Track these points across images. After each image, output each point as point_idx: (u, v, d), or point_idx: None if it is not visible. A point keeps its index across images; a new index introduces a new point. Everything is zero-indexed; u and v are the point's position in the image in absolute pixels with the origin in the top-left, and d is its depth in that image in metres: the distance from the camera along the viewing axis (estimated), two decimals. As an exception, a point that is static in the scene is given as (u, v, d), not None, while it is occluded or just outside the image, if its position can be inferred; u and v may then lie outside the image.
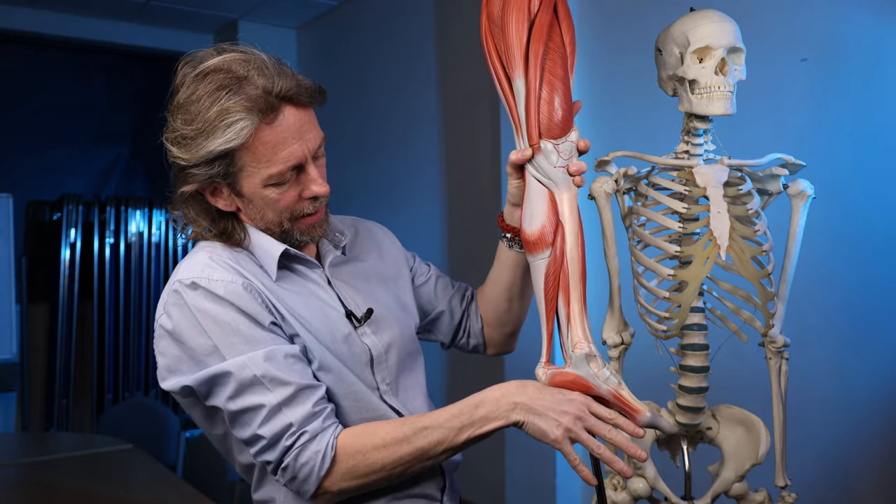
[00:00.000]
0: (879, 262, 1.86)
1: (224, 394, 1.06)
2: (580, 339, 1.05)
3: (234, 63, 1.07)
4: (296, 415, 1.05)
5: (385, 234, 1.42)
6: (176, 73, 1.11)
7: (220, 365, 1.05)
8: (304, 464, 1.04)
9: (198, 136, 1.06)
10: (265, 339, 1.07)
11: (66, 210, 4.27)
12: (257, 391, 1.05)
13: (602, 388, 1.05)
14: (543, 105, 1.06)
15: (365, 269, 1.30)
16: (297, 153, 1.09)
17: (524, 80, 1.06)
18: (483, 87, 3.02)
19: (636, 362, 1.57)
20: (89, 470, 2.52)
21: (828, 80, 1.94)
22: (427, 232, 3.40)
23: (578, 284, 1.07)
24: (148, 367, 4.46)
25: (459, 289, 1.45)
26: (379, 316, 1.23)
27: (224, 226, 1.16)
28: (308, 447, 1.04)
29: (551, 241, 1.07)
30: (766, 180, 1.29)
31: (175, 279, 1.11)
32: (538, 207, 1.08)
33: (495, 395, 1.06)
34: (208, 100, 1.05)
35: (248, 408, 1.05)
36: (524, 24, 1.06)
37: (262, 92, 1.05)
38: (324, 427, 1.06)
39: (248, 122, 1.05)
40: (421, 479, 1.21)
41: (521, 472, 2.78)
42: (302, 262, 1.20)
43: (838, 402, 1.93)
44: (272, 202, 1.12)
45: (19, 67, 4.29)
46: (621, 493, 1.31)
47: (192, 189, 1.11)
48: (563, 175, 1.08)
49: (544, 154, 1.08)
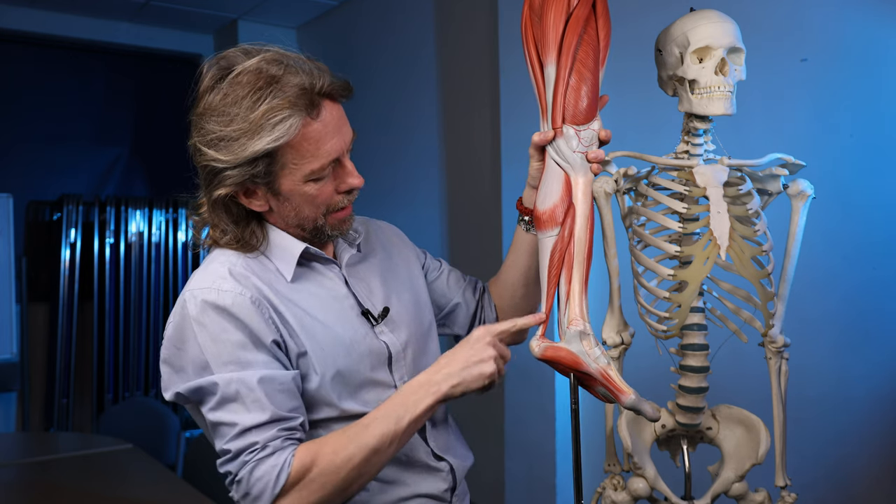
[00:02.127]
0: (879, 262, 1.86)
1: (208, 404, 1.08)
2: (576, 317, 1.11)
3: (268, 63, 1.08)
4: (262, 436, 1.06)
5: (395, 232, 1.43)
6: (202, 75, 1.11)
7: (209, 377, 1.07)
8: (259, 479, 1.04)
9: (241, 136, 1.06)
10: (258, 362, 1.08)
11: (66, 210, 4.27)
12: (236, 409, 1.06)
13: (591, 366, 1.10)
14: (571, 92, 1.13)
15: (379, 268, 1.31)
16: (337, 147, 1.13)
17: (556, 66, 1.13)
18: (483, 88, 3.02)
19: (636, 362, 1.57)
20: (89, 470, 2.52)
21: (828, 80, 1.94)
22: (427, 232, 3.40)
23: (582, 264, 1.12)
24: (148, 367, 4.46)
25: (471, 282, 1.47)
26: (395, 314, 1.25)
27: (245, 229, 1.16)
28: (265, 461, 1.05)
29: (561, 221, 1.13)
30: (766, 180, 1.29)
31: (188, 288, 1.13)
32: (554, 187, 1.15)
33: (419, 380, 1.11)
34: (250, 100, 1.06)
35: (223, 422, 1.07)
36: (562, 15, 1.13)
37: (303, 89, 1.07)
38: (284, 446, 1.06)
39: (296, 119, 1.07)
40: (427, 479, 1.21)
41: (521, 472, 2.78)
42: (321, 260, 1.21)
43: (838, 402, 1.93)
44: (311, 198, 1.14)
45: (19, 67, 4.29)
46: (621, 492, 1.31)
47: (227, 192, 1.10)
48: (581, 160, 1.14)
49: (566, 138, 1.14)
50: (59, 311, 4.26)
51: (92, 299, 4.35)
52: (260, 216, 1.18)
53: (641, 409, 1.12)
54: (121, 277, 4.39)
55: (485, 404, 2.92)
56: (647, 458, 1.31)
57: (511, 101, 2.81)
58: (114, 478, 2.48)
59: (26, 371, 4.13)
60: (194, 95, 1.12)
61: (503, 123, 2.82)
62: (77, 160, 4.52)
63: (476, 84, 3.07)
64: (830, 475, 1.94)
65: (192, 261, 4.57)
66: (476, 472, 1.34)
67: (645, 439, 1.32)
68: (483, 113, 3.03)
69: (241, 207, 1.15)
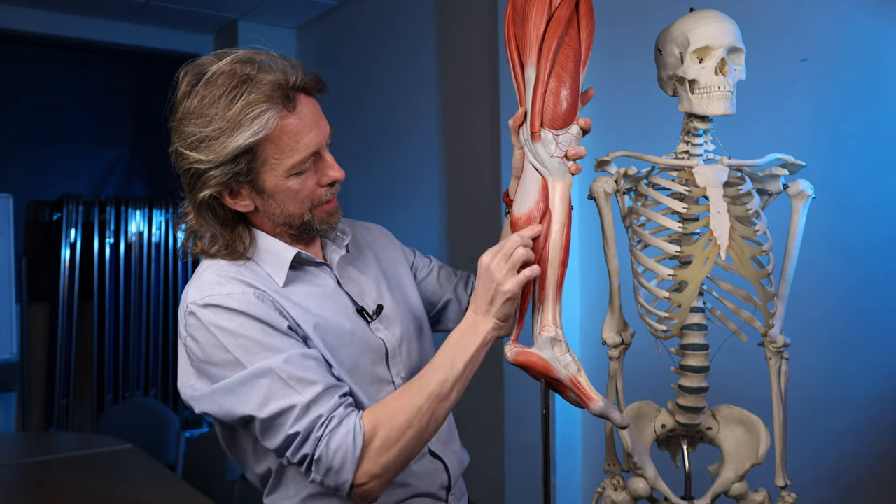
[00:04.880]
0: (879, 262, 1.86)
1: (253, 401, 1.06)
2: (548, 323, 1.11)
3: (241, 63, 1.10)
4: (324, 408, 1.06)
5: (383, 232, 1.44)
6: (178, 82, 1.12)
7: (244, 372, 1.06)
8: (338, 448, 1.04)
9: (220, 134, 1.08)
10: (284, 344, 1.09)
11: (66, 210, 4.27)
12: (286, 394, 1.06)
13: (561, 372, 1.10)
14: (550, 95, 1.11)
15: (368, 268, 1.32)
16: (315, 139, 1.13)
17: (535, 69, 1.11)
18: (483, 88, 3.02)
19: (636, 362, 1.57)
20: (89, 470, 2.52)
21: (828, 80, 1.94)
22: (427, 232, 3.40)
23: (557, 271, 1.11)
24: (148, 367, 4.46)
25: (462, 276, 1.48)
26: (388, 312, 1.26)
27: (233, 233, 1.17)
28: (337, 431, 1.05)
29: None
30: (766, 180, 1.29)
31: (187, 302, 1.13)
32: (530, 192, 1.13)
33: (462, 328, 1.12)
34: (227, 98, 1.08)
35: (279, 411, 1.05)
36: (543, 17, 1.11)
37: (277, 84, 1.09)
38: (347, 413, 1.07)
39: (273, 112, 1.08)
40: (422, 477, 1.21)
41: (521, 472, 2.79)
42: (312, 264, 1.23)
43: (838, 402, 1.93)
44: (294, 193, 1.14)
45: (19, 67, 4.29)
46: (621, 492, 1.31)
47: (211, 193, 1.11)
48: (558, 165, 1.12)
49: (543, 142, 1.12)
50: (59, 311, 4.26)
51: (92, 299, 4.35)
52: (247, 219, 1.19)
53: (610, 417, 1.11)
54: (121, 277, 4.39)
55: (485, 404, 2.92)
56: (647, 458, 1.31)
57: (511, 101, 2.81)
58: (114, 478, 2.48)
59: (26, 371, 4.13)
60: (172, 102, 1.14)
61: (503, 123, 2.82)
62: (77, 160, 4.52)
63: (476, 84, 3.06)
64: (830, 475, 1.94)
65: (191, 261, 4.56)
66: (476, 471, 1.34)
67: (645, 439, 1.32)
68: (483, 113, 3.03)
69: (227, 210, 1.16)
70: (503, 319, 1.11)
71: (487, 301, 1.10)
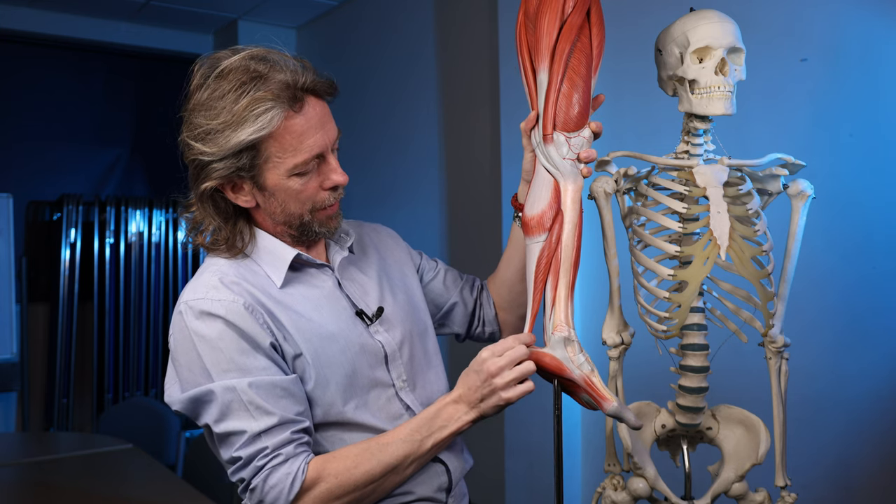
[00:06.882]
0: (879, 262, 1.87)
1: (211, 415, 1.09)
2: (561, 323, 1.11)
3: (254, 60, 1.11)
4: (271, 441, 1.08)
5: (389, 234, 1.44)
6: (193, 74, 1.14)
7: (208, 386, 1.08)
8: (273, 486, 1.07)
9: (226, 128, 1.09)
10: (256, 366, 1.10)
11: (66, 210, 4.27)
12: (241, 416, 1.08)
13: (574, 373, 1.10)
14: (562, 99, 1.13)
15: (372, 269, 1.31)
16: (320, 142, 1.13)
17: (548, 73, 1.13)
18: (483, 88, 3.02)
19: (636, 362, 1.58)
20: (89, 470, 2.52)
21: (828, 80, 1.94)
22: (427, 232, 3.40)
23: (569, 271, 1.12)
24: (148, 367, 4.46)
25: (468, 280, 1.47)
26: (389, 314, 1.26)
27: (234, 227, 1.18)
28: (279, 469, 1.07)
29: (549, 227, 1.13)
30: (766, 180, 1.29)
31: (182, 300, 1.14)
32: (542, 194, 1.15)
33: (443, 409, 1.15)
34: (235, 93, 1.09)
35: (231, 432, 1.08)
36: (556, 23, 1.13)
37: (286, 84, 1.09)
38: (296, 453, 1.09)
39: (278, 111, 1.09)
40: (422, 480, 1.21)
41: (521, 472, 2.79)
42: (313, 265, 1.23)
43: (838, 402, 1.93)
44: (295, 193, 1.15)
45: (19, 67, 4.29)
46: (621, 492, 1.31)
47: (213, 185, 1.13)
48: (570, 167, 1.14)
49: (556, 145, 1.13)
50: (59, 311, 4.26)
51: (92, 299, 4.35)
52: (248, 215, 1.20)
53: (624, 417, 1.11)
54: (121, 277, 4.39)
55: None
56: (647, 458, 1.31)
57: (511, 101, 2.81)
58: (114, 478, 2.48)
59: (26, 371, 4.14)
60: (185, 93, 1.15)
61: (503, 123, 2.82)
62: (77, 160, 4.52)
63: (476, 84, 3.07)
64: (830, 475, 1.94)
65: (192, 261, 4.57)
66: (476, 472, 1.34)
67: (645, 439, 1.32)
68: (483, 113, 3.03)
69: (228, 203, 1.17)
70: (487, 416, 1.14)
71: (478, 397, 1.12)
